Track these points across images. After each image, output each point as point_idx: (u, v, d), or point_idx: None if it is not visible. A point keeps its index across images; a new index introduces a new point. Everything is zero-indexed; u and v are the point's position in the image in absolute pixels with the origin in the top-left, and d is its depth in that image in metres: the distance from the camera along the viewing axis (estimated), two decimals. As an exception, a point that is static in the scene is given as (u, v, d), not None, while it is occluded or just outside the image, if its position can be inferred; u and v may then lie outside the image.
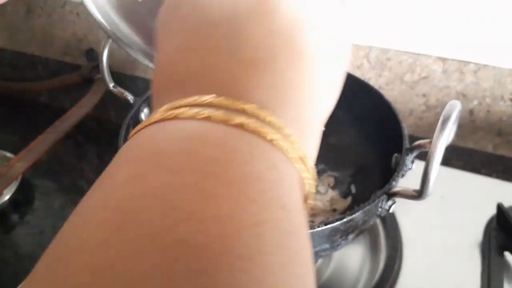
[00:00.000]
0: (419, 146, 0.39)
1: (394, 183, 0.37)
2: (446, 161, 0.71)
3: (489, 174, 0.69)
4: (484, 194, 0.58)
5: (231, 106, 0.18)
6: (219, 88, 0.19)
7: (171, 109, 0.18)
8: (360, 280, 0.50)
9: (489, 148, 0.71)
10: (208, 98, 0.18)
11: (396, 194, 0.36)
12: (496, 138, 0.69)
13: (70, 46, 0.93)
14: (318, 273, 0.51)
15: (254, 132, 0.17)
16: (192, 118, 0.17)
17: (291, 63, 0.20)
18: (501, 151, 0.70)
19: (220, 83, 0.19)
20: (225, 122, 0.17)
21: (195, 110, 0.18)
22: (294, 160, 0.18)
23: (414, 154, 0.40)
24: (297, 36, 0.21)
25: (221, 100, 0.18)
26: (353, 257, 0.53)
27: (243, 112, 0.18)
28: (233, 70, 0.19)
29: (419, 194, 0.34)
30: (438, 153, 0.32)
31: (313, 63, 0.21)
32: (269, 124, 0.18)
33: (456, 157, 0.72)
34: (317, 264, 0.51)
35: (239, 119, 0.17)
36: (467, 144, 0.72)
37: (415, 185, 0.36)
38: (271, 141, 0.17)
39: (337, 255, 0.53)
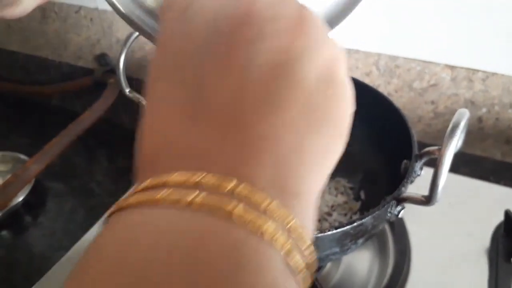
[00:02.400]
0: (428, 153, 0.39)
1: (403, 188, 0.37)
2: (454, 168, 0.72)
3: (497, 181, 0.69)
4: (492, 201, 0.59)
5: (220, 187, 0.16)
6: (209, 163, 0.17)
7: (154, 187, 0.17)
8: (368, 285, 0.50)
9: (498, 156, 0.71)
10: (195, 176, 0.16)
11: (405, 200, 0.36)
12: (504, 145, 0.70)
13: (83, 51, 0.95)
14: (327, 277, 0.51)
15: (247, 225, 0.15)
16: (174, 204, 0.16)
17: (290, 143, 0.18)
18: (510, 159, 0.70)
19: (212, 160, 0.18)
20: (212, 212, 0.15)
21: (178, 194, 0.16)
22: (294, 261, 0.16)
23: (423, 160, 0.40)
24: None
25: (209, 178, 0.16)
26: (361, 262, 0.53)
27: (233, 195, 0.16)
28: (227, 147, 0.18)
29: (428, 200, 0.34)
30: (447, 160, 0.32)
31: (310, 137, 0.19)
32: (265, 212, 0.16)
33: (465, 164, 0.72)
34: (326, 268, 0.52)
35: (229, 206, 0.15)
36: (475, 152, 0.72)
37: (424, 191, 0.36)
38: (268, 237, 0.15)
39: (346, 259, 0.53)
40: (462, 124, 0.33)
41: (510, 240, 0.52)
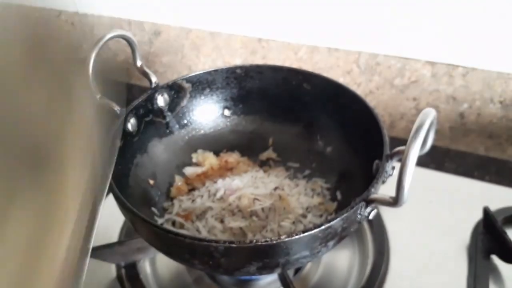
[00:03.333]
0: (398, 152, 0.39)
1: (373, 189, 0.37)
2: (439, 164, 0.72)
3: (482, 176, 0.69)
4: (472, 198, 0.58)
5: None
6: None
7: None
8: (348, 284, 0.50)
9: (481, 151, 0.71)
10: None
11: (373, 201, 0.36)
12: (487, 140, 0.69)
13: (66, 55, 0.94)
14: (307, 277, 0.51)
15: None
16: None
17: None
18: (493, 153, 0.70)
19: None
20: None
21: None
22: None
23: (395, 160, 0.40)
24: None
25: None
26: (341, 261, 0.53)
27: None
28: None
29: (395, 201, 0.34)
30: (411, 161, 0.32)
31: None
32: None
33: (450, 160, 0.72)
34: (306, 269, 0.52)
35: None
36: (459, 147, 0.72)
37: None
38: None
39: (325, 259, 0.53)
40: (427, 124, 0.32)
41: (489, 237, 0.51)
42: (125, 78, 0.90)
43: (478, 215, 0.55)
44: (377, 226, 0.54)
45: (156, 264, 0.53)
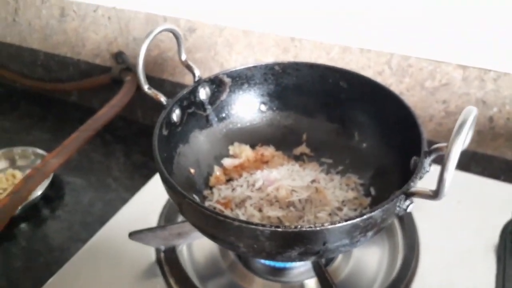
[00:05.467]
0: (436, 149, 0.40)
1: (412, 183, 0.38)
2: (466, 167, 0.73)
3: (508, 180, 0.70)
4: (501, 200, 0.59)
5: None
6: None
7: None
8: (377, 279, 0.51)
9: (509, 155, 0.72)
10: None
11: (414, 194, 0.37)
12: (515, 145, 0.70)
13: (101, 49, 0.97)
14: (337, 270, 0.53)
15: None
16: None
17: None
18: (521, 158, 0.71)
19: None
20: None
21: None
22: None
23: (432, 157, 0.41)
24: None
25: None
26: (371, 257, 0.54)
27: None
28: None
29: (435, 195, 0.35)
30: (454, 156, 0.33)
31: None
32: None
33: (476, 163, 0.73)
34: (336, 262, 0.53)
35: None
36: (487, 151, 0.73)
37: (433, 187, 0.37)
38: None
39: (356, 254, 0.54)
40: (469, 121, 0.34)
41: (518, 237, 0.53)
42: (158, 73, 0.92)
43: (507, 217, 0.56)
44: (408, 223, 0.56)
45: (192, 250, 0.56)
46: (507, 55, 0.63)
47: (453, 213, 0.58)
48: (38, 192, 0.74)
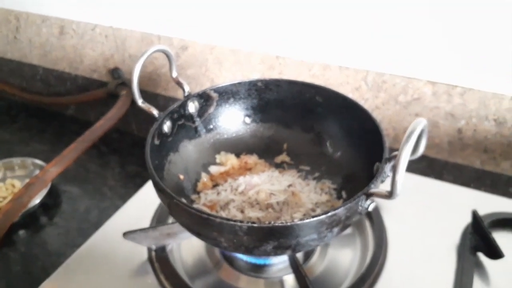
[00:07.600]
0: (395, 156, 0.46)
1: (372, 186, 0.44)
2: (438, 175, 0.78)
3: (477, 187, 0.75)
4: (463, 204, 0.65)
5: None
6: None
7: None
8: (349, 274, 0.57)
9: (477, 164, 0.76)
10: None
11: (372, 194, 0.43)
12: (482, 154, 0.75)
13: (98, 65, 1.02)
14: (314, 265, 0.58)
15: None
16: None
17: None
18: (488, 167, 0.76)
19: None
20: None
21: None
22: None
23: (392, 163, 0.47)
24: None
25: None
26: (344, 255, 0.60)
27: None
28: None
29: (390, 194, 0.41)
30: (403, 161, 0.38)
31: None
32: None
33: (447, 172, 0.78)
34: (313, 259, 0.58)
35: None
36: (457, 160, 0.78)
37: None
38: None
39: (331, 252, 0.60)
40: (417, 131, 0.39)
41: (476, 237, 0.58)
42: (152, 88, 0.97)
43: (467, 219, 0.62)
44: (377, 224, 0.61)
45: (181, 250, 0.61)
46: (472, 72, 0.68)
47: (422, 216, 0.64)
48: (37, 200, 0.78)
